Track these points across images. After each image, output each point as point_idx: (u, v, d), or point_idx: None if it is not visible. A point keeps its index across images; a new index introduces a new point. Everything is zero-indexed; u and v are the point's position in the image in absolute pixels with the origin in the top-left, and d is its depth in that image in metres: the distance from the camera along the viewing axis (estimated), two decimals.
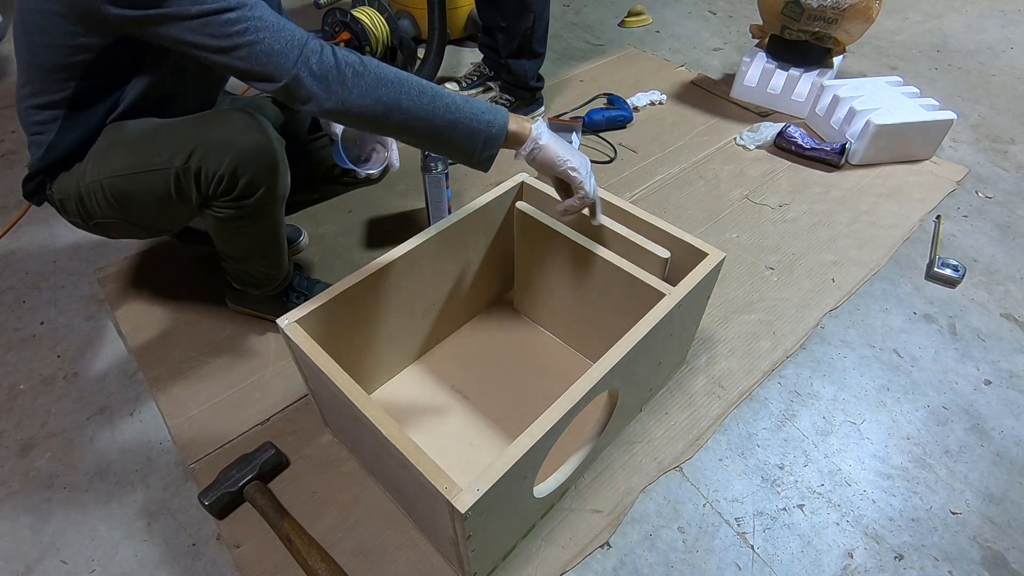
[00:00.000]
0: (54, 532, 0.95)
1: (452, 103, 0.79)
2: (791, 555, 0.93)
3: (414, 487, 0.76)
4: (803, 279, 1.36)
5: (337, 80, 0.74)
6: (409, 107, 0.77)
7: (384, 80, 0.76)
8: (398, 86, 0.77)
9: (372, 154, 1.16)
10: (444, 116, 0.79)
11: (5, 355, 1.20)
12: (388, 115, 0.77)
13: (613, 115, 1.82)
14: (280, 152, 0.93)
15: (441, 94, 0.80)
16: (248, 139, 0.88)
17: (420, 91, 0.78)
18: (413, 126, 0.79)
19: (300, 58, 0.73)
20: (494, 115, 0.82)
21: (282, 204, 0.99)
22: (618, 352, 0.81)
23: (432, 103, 0.78)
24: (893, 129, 1.61)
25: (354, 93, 0.75)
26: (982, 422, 1.11)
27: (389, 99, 0.77)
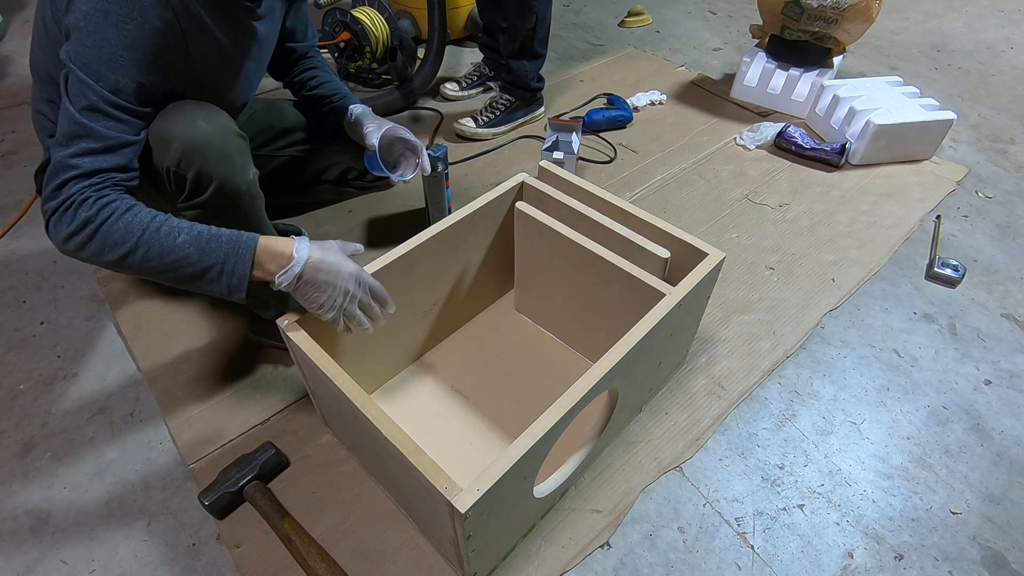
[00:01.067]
0: (54, 532, 0.95)
1: (184, 261, 0.77)
2: (791, 555, 0.93)
3: (414, 487, 0.76)
4: (803, 279, 1.36)
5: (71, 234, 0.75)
6: (139, 266, 0.77)
7: (108, 242, 0.75)
8: (120, 245, 0.76)
9: (401, 159, 1.17)
10: (178, 271, 0.78)
11: (5, 355, 1.20)
12: (121, 267, 0.78)
13: (613, 115, 1.82)
14: (234, 143, 0.89)
15: (173, 250, 0.77)
16: (193, 130, 0.84)
17: (148, 251, 0.76)
18: (150, 275, 0.79)
19: (53, 194, 0.75)
20: (233, 265, 0.78)
21: (251, 203, 0.94)
22: (618, 352, 0.81)
23: (161, 260, 0.77)
24: (893, 129, 1.61)
25: (83, 252, 0.77)
26: (982, 422, 1.10)
27: (113, 259, 0.77)
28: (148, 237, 0.76)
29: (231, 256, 0.78)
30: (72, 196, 0.75)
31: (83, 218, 0.74)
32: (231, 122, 0.90)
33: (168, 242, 0.77)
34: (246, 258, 0.79)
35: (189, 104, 0.87)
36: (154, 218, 0.78)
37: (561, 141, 1.56)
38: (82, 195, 0.75)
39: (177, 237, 0.77)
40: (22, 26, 2.39)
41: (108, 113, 0.77)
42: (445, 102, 1.97)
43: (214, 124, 0.86)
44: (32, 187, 1.60)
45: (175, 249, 0.77)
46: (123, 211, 0.76)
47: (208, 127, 0.85)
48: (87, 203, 0.75)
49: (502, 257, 1.18)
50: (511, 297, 1.28)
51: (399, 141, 1.15)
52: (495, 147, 1.76)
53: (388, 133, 1.11)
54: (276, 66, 1.18)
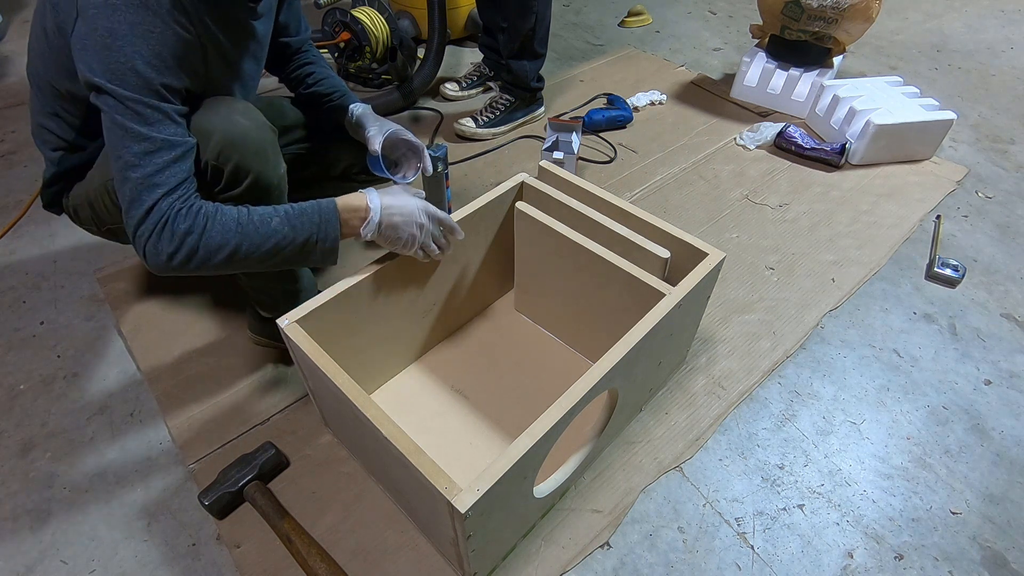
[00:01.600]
0: (54, 532, 0.95)
1: (282, 238, 0.82)
2: (791, 555, 0.93)
3: (414, 487, 0.76)
4: (803, 279, 1.36)
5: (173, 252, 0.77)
6: (243, 260, 0.81)
7: (212, 246, 0.78)
8: (228, 239, 0.79)
9: (402, 160, 1.18)
10: (279, 254, 0.83)
11: (5, 355, 1.20)
12: (227, 269, 0.82)
13: (613, 115, 1.82)
14: (268, 138, 0.91)
15: (269, 235, 0.81)
16: (232, 125, 0.86)
17: (247, 240, 0.80)
18: (255, 267, 0.83)
19: (145, 217, 0.76)
20: (325, 232, 0.85)
21: (280, 197, 0.96)
22: (618, 352, 0.81)
23: (263, 244, 0.81)
24: (893, 129, 1.61)
25: (189, 266, 0.79)
26: (982, 422, 1.10)
27: (221, 260, 0.80)
28: (246, 230, 0.80)
29: (321, 224, 0.84)
30: (165, 213, 0.76)
31: (182, 231, 0.77)
32: (263, 117, 0.91)
33: (265, 228, 0.81)
34: (334, 222, 0.85)
35: (225, 100, 0.89)
36: (240, 211, 0.81)
37: (561, 141, 1.56)
38: (173, 209, 0.77)
39: (271, 221, 0.81)
40: (22, 26, 2.39)
41: (169, 117, 0.78)
42: (445, 102, 1.97)
43: (251, 119, 0.89)
44: (32, 187, 1.60)
45: (273, 233, 0.81)
46: (213, 213, 0.79)
47: (246, 122, 0.88)
48: (180, 215, 0.77)
49: (502, 257, 1.18)
50: (511, 297, 1.28)
51: (401, 142, 1.15)
52: (495, 147, 1.76)
53: (391, 136, 1.11)
54: (272, 61, 1.18)
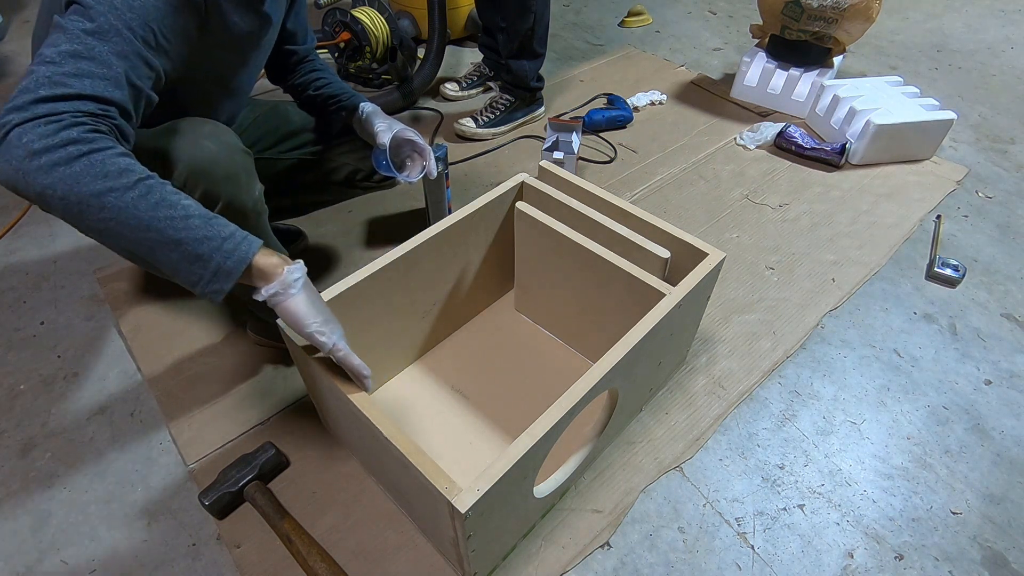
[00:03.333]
0: (54, 532, 0.95)
1: (183, 219, 0.66)
2: (791, 555, 0.92)
3: (414, 487, 0.76)
4: (803, 279, 1.36)
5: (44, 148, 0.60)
6: (116, 208, 0.62)
7: (96, 169, 0.62)
8: (113, 179, 0.62)
9: (407, 161, 1.18)
10: (164, 232, 0.65)
11: (5, 355, 1.20)
12: (83, 211, 0.63)
13: (613, 115, 1.82)
14: (239, 161, 0.86)
15: (173, 205, 0.65)
16: (198, 150, 0.82)
17: (143, 196, 0.64)
18: (117, 232, 0.64)
19: (25, 106, 0.61)
20: (236, 244, 0.68)
21: (257, 219, 0.92)
22: (618, 352, 0.81)
23: (154, 212, 0.64)
24: (893, 129, 1.61)
25: (50, 174, 0.60)
26: (982, 422, 1.10)
27: (90, 191, 0.61)
28: (150, 184, 0.65)
29: (240, 236, 0.69)
30: (60, 114, 0.61)
31: (68, 137, 0.61)
32: (235, 138, 0.89)
33: (171, 197, 0.66)
34: (254, 244, 0.70)
35: (192, 122, 0.86)
36: (155, 174, 0.67)
37: (561, 141, 1.56)
38: (76, 118, 0.62)
39: (182, 198, 0.67)
40: (22, 26, 2.39)
41: (127, 41, 0.67)
42: (445, 102, 1.97)
43: (219, 143, 0.85)
44: None
45: (175, 205, 0.66)
46: (121, 152, 0.64)
47: (213, 146, 0.84)
48: (83, 127, 0.62)
49: (502, 257, 1.18)
50: (511, 297, 1.28)
51: (407, 143, 1.15)
52: (495, 147, 1.76)
53: (399, 135, 1.11)
54: (277, 70, 1.18)
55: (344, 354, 0.76)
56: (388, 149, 1.09)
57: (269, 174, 1.18)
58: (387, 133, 1.10)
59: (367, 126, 1.13)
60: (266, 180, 0.96)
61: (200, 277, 0.68)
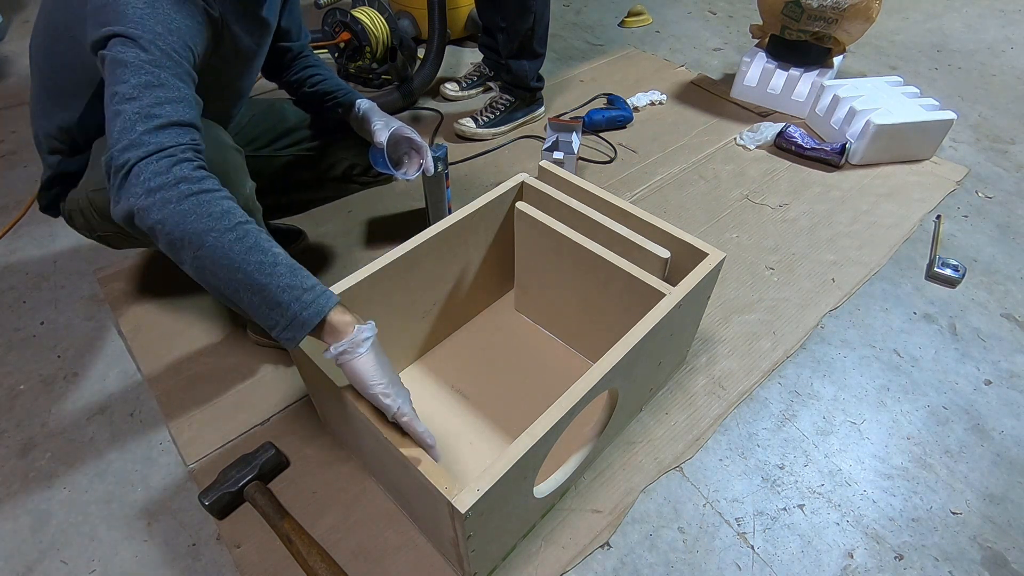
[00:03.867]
0: (54, 532, 0.95)
1: (271, 266, 0.68)
2: (791, 555, 0.92)
3: (414, 487, 0.76)
4: (803, 279, 1.36)
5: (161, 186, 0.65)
6: (213, 247, 0.66)
7: (202, 209, 0.66)
8: (215, 220, 0.66)
9: (405, 158, 1.18)
10: (252, 275, 0.67)
11: (5, 355, 1.20)
12: (183, 247, 0.66)
13: (613, 115, 1.82)
14: (231, 159, 0.87)
15: (265, 251, 0.68)
16: None
17: (239, 239, 0.67)
18: (210, 270, 0.68)
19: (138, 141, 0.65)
20: (315, 297, 0.69)
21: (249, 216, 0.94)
22: (618, 352, 0.81)
23: (246, 256, 0.67)
24: (893, 129, 1.61)
25: (163, 211, 0.65)
26: (982, 422, 1.10)
27: (195, 229, 0.65)
28: (247, 228, 0.68)
29: (316, 295, 0.69)
30: (169, 147, 0.66)
31: (179, 175, 0.65)
32: (226, 136, 0.89)
33: (265, 243, 0.69)
34: (328, 303, 0.70)
35: None
36: (252, 220, 0.71)
37: (561, 141, 1.56)
38: (183, 152, 0.67)
39: (274, 246, 0.70)
40: (22, 26, 2.39)
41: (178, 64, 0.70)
42: (445, 102, 1.97)
43: (209, 140, 0.84)
44: (33, 187, 1.60)
45: (267, 251, 0.68)
46: (225, 195, 0.69)
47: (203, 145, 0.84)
48: (190, 164, 0.67)
49: (502, 257, 1.18)
50: (511, 297, 1.28)
51: (405, 140, 1.15)
52: (495, 147, 1.76)
53: (396, 132, 1.11)
54: (272, 67, 1.18)
55: (409, 419, 0.73)
56: (386, 147, 1.09)
57: (266, 171, 1.18)
58: (384, 131, 1.10)
59: (364, 123, 1.13)
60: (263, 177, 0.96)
61: (276, 323, 0.69)
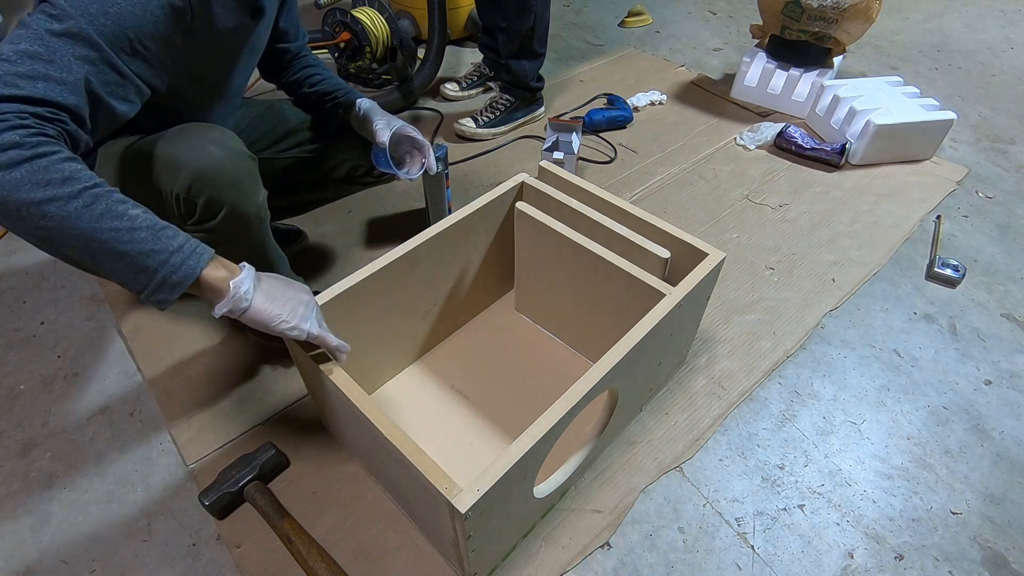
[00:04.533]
0: (54, 532, 0.95)
1: (128, 231, 0.64)
2: (791, 555, 0.92)
3: (414, 487, 0.76)
4: (803, 279, 1.36)
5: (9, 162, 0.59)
6: (57, 217, 0.60)
7: (38, 176, 0.59)
8: (56, 187, 0.60)
9: (407, 157, 1.18)
10: (108, 243, 0.63)
11: (5, 355, 1.20)
12: (22, 218, 0.60)
13: (613, 115, 1.82)
14: (245, 167, 0.87)
15: (119, 216, 0.63)
16: (204, 156, 0.82)
17: (87, 205, 0.62)
18: (59, 240, 0.62)
19: None
20: (183, 259, 0.67)
21: (260, 225, 0.93)
22: (618, 352, 0.81)
23: (98, 223, 0.62)
24: (893, 129, 1.61)
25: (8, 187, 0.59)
26: (982, 422, 1.10)
27: (31, 199, 0.59)
28: (95, 192, 0.63)
29: (187, 250, 0.67)
30: (3, 114, 0.59)
31: (9, 141, 0.58)
32: (240, 143, 0.89)
33: (118, 207, 0.64)
34: (202, 259, 0.68)
35: (198, 127, 0.86)
36: (103, 182, 0.65)
37: (561, 141, 1.56)
38: (23, 119, 0.60)
39: (130, 207, 0.65)
40: None
41: (94, 46, 0.65)
42: (445, 102, 1.97)
43: (225, 149, 0.85)
44: None
45: (122, 216, 0.64)
46: (67, 157, 0.62)
47: (219, 152, 0.84)
48: (23, 129, 0.59)
49: (502, 257, 1.18)
50: (511, 297, 1.28)
51: (406, 139, 1.15)
52: (495, 147, 1.76)
53: (398, 132, 1.11)
54: (270, 68, 1.17)
55: (320, 336, 0.76)
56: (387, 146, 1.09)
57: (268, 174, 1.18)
58: (386, 131, 1.09)
59: (365, 123, 1.13)
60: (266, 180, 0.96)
61: (144, 287, 0.66)
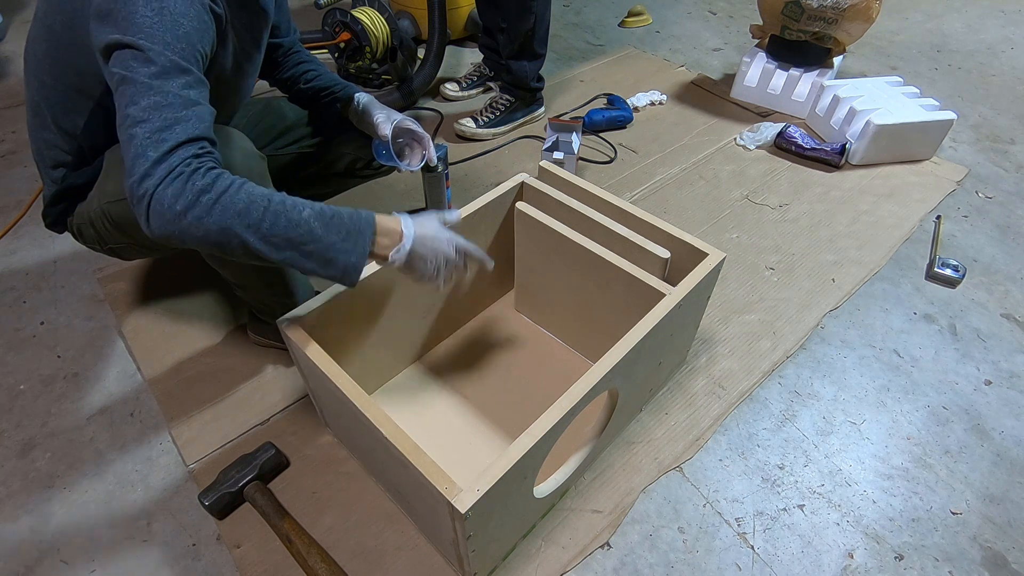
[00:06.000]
0: (54, 532, 0.95)
1: (307, 233, 0.72)
2: (791, 555, 0.92)
3: (414, 487, 0.76)
4: (803, 279, 1.36)
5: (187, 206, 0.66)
6: (255, 240, 0.70)
7: (228, 211, 0.68)
8: (244, 216, 0.68)
9: (406, 149, 1.18)
10: (298, 247, 0.72)
11: (5, 355, 1.20)
12: (231, 249, 0.70)
13: (613, 115, 1.82)
14: (256, 167, 0.88)
15: (297, 224, 0.71)
16: None
17: (273, 223, 0.70)
18: (262, 257, 0.71)
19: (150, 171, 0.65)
20: (354, 243, 0.74)
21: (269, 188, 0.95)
22: (618, 352, 0.81)
23: (286, 235, 0.71)
24: (893, 129, 1.61)
25: (201, 227, 0.67)
26: (982, 422, 1.10)
27: (233, 231, 0.68)
28: (275, 208, 0.70)
29: (353, 232, 0.74)
30: (176, 167, 0.66)
31: (199, 187, 0.66)
32: (250, 143, 0.89)
33: (295, 215, 0.71)
34: (367, 233, 0.75)
35: None
36: (273, 192, 0.72)
37: (561, 141, 1.56)
38: (189, 165, 0.67)
39: (303, 211, 0.72)
40: (22, 26, 2.39)
41: (186, 72, 0.70)
42: (445, 102, 1.97)
43: (235, 149, 0.85)
44: (33, 187, 1.60)
45: (301, 223, 0.71)
46: (240, 183, 0.70)
47: (229, 153, 0.84)
48: (199, 172, 0.67)
49: (502, 257, 1.18)
50: (511, 297, 1.28)
51: (406, 132, 1.15)
52: (495, 147, 1.76)
53: (399, 125, 1.11)
54: (264, 65, 1.17)
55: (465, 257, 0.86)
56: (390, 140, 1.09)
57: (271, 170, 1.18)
58: (387, 124, 1.09)
59: (365, 117, 1.13)
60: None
61: (334, 277, 0.75)
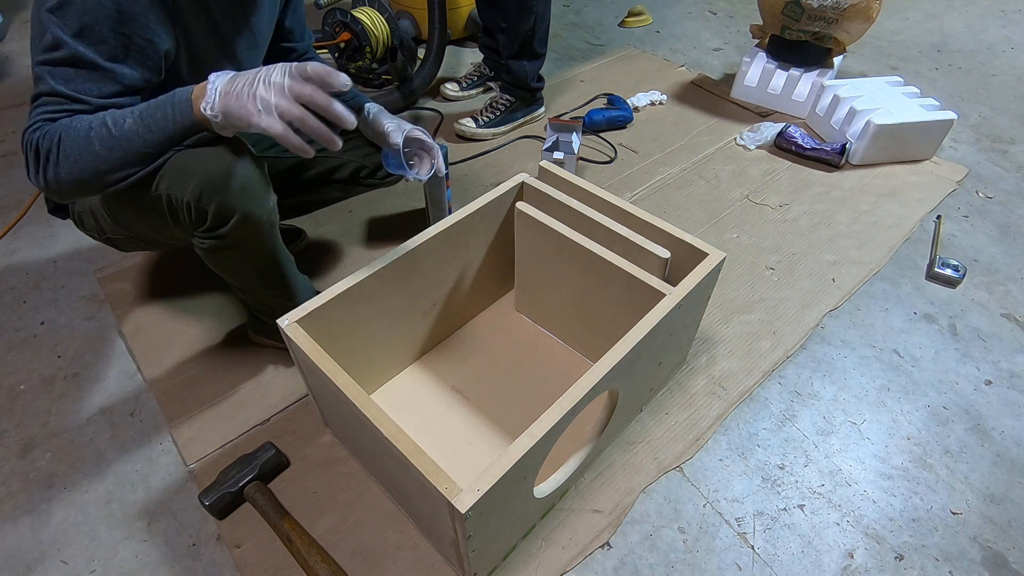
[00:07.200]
0: (54, 532, 0.95)
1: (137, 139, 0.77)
2: (791, 555, 0.92)
3: (414, 487, 0.76)
4: (803, 279, 1.36)
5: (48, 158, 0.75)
6: (111, 168, 0.77)
7: (74, 159, 0.75)
8: (95, 162, 0.76)
9: (415, 158, 1.18)
10: (141, 152, 0.78)
11: (5, 355, 1.20)
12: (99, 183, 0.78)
13: (613, 115, 1.82)
14: (254, 173, 0.87)
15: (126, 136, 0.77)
16: (213, 162, 0.82)
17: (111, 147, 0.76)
18: (128, 170, 0.78)
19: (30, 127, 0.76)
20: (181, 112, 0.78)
21: (271, 230, 0.93)
22: (618, 352, 0.81)
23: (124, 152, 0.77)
24: (893, 129, 1.61)
25: (62, 179, 0.76)
26: (982, 422, 1.10)
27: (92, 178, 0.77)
28: (103, 137, 0.75)
29: (176, 104, 0.77)
30: (28, 141, 0.76)
31: (44, 153, 0.75)
32: (247, 146, 0.89)
33: (119, 131, 0.76)
34: (184, 96, 0.77)
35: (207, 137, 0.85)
36: (92, 120, 0.76)
37: (561, 141, 1.56)
38: (33, 134, 0.75)
39: (123, 123, 0.76)
40: (22, 26, 2.39)
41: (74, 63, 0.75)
42: (445, 102, 1.97)
43: (234, 156, 0.85)
44: (32, 188, 1.60)
45: (129, 136, 0.76)
46: (67, 125, 0.75)
47: (229, 159, 0.84)
48: (40, 138, 0.75)
49: (502, 257, 1.18)
50: (511, 297, 1.28)
51: (415, 141, 1.15)
52: (495, 147, 1.76)
53: (408, 134, 1.10)
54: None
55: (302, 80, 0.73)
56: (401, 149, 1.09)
57: (272, 174, 1.18)
58: (398, 133, 1.09)
59: (374, 126, 1.13)
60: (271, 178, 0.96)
61: (170, 133, 0.78)
